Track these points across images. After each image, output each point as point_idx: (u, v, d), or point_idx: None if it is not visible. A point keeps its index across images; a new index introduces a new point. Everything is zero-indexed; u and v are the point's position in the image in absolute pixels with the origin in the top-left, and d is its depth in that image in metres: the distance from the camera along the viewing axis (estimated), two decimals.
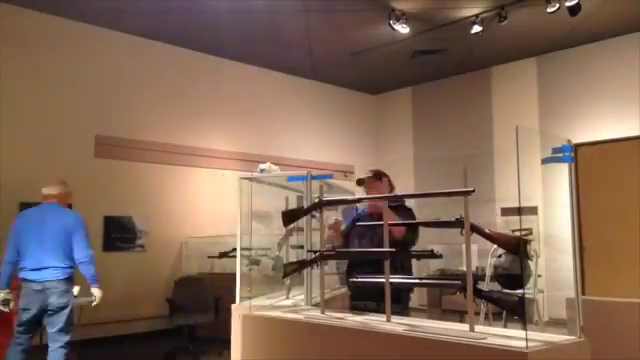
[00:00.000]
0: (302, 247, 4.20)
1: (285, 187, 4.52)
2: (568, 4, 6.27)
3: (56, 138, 6.89)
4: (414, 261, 3.73)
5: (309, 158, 9.19)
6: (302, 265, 3.68)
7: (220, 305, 6.32)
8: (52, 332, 4.53)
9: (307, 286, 3.92)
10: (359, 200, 3.57)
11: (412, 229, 3.38)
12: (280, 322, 3.38)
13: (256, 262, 4.61)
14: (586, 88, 8.01)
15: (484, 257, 5.76)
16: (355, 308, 3.56)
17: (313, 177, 4.05)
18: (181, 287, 6.94)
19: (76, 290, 4.75)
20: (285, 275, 3.72)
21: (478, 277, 2.74)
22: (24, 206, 6.56)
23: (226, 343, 4.18)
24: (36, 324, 4.55)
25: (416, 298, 8.42)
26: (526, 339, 2.26)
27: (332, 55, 8.61)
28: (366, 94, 10.81)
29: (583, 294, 2.84)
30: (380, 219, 3.15)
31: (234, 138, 8.65)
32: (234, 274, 4.25)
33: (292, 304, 3.96)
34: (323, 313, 3.37)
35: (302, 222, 4.05)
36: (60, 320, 4.54)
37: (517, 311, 2.76)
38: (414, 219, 3.64)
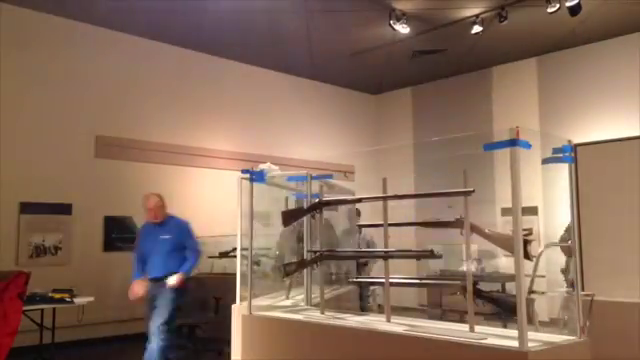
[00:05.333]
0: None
1: (286, 187, 4.52)
2: (568, 4, 6.27)
3: (56, 138, 6.89)
4: (414, 261, 3.72)
5: (309, 158, 9.19)
6: (302, 265, 3.68)
7: (220, 305, 6.33)
8: None
9: (307, 286, 3.92)
10: (359, 200, 3.57)
11: None
12: (280, 322, 3.38)
13: (256, 262, 4.61)
14: (586, 88, 8.01)
15: (486, 257, 5.76)
16: None
17: (313, 177, 4.04)
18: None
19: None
20: (285, 275, 3.72)
21: (478, 277, 2.75)
22: (24, 206, 6.59)
23: (226, 342, 4.19)
24: None
25: (416, 298, 8.44)
26: (526, 339, 2.26)
27: (332, 55, 8.61)
28: (366, 94, 10.81)
29: (583, 290, 2.84)
30: None
31: (234, 138, 8.65)
32: (229, 274, 4.25)
33: (292, 304, 3.96)
34: (323, 313, 3.38)
35: (302, 222, 4.05)
36: None
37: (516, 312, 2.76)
38: None
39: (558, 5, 6.28)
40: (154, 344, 4.84)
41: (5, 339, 4.56)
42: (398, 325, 2.83)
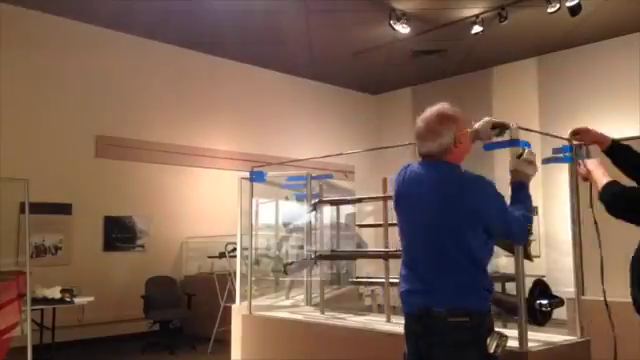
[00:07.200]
0: (302, 247, 4.20)
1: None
2: (568, 4, 6.27)
3: (56, 138, 6.89)
4: None
5: (309, 158, 9.18)
6: (301, 265, 3.69)
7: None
8: None
9: (307, 286, 3.92)
10: (359, 200, 3.57)
11: None
12: (280, 322, 3.38)
13: (256, 262, 4.61)
14: (586, 88, 8.00)
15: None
16: None
17: (313, 177, 4.05)
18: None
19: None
20: (285, 275, 3.73)
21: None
22: (24, 206, 6.58)
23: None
24: None
25: None
26: (526, 339, 2.26)
27: (333, 55, 8.60)
28: (366, 94, 10.80)
29: (583, 294, 2.84)
30: None
31: (234, 138, 8.65)
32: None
33: (292, 304, 3.96)
34: (323, 313, 3.38)
35: (302, 222, 4.05)
36: None
37: (517, 312, 2.76)
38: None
39: (558, 5, 6.28)
40: None
41: (5, 339, 4.56)
42: (398, 325, 2.83)
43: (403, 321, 2.14)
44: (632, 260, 2.36)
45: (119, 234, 7.31)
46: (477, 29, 7.07)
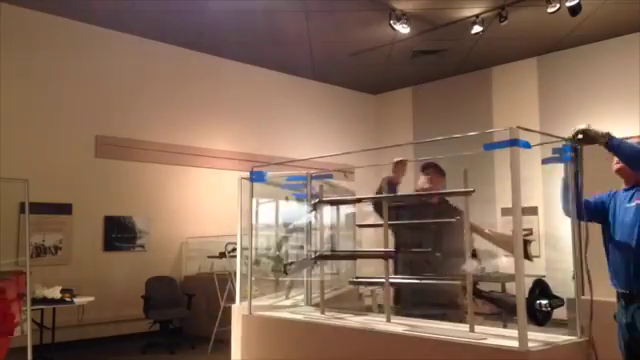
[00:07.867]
0: (302, 247, 4.19)
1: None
2: (568, 4, 6.27)
3: (56, 138, 6.89)
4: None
5: (309, 158, 9.17)
6: (301, 265, 3.68)
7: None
8: None
9: (307, 286, 3.91)
10: (359, 200, 3.57)
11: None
12: (280, 322, 3.38)
13: (256, 262, 4.61)
14: (586, 88, 8.01)
15: (486, 257, 5.74)
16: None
17: (313, 177, 4.05)
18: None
19: None
20: (285, 275, 3.72)
21: (478, 277, 2.74)
22: (24, 206, 6.58)
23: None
24: None
25: None
26: (526, 339, 2.26)
27: (332, 55, 8.61)
28: (366, 94, 10.80)
29: (583, 294, 2.84)
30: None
31: (234, 138, 8.65)
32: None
33: (292, 304, 3.96)
34: (323, 313, 3.37)
35: (302, 222, 4.05)
36: None
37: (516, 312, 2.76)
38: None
39: (558, 5, 6.28)
40: None
41: (4, 339, 4.56)
42: (398, 325, 2.83)
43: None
44: None
45: (119, 234, 7.31)
46: (477, 29, 7.07)
